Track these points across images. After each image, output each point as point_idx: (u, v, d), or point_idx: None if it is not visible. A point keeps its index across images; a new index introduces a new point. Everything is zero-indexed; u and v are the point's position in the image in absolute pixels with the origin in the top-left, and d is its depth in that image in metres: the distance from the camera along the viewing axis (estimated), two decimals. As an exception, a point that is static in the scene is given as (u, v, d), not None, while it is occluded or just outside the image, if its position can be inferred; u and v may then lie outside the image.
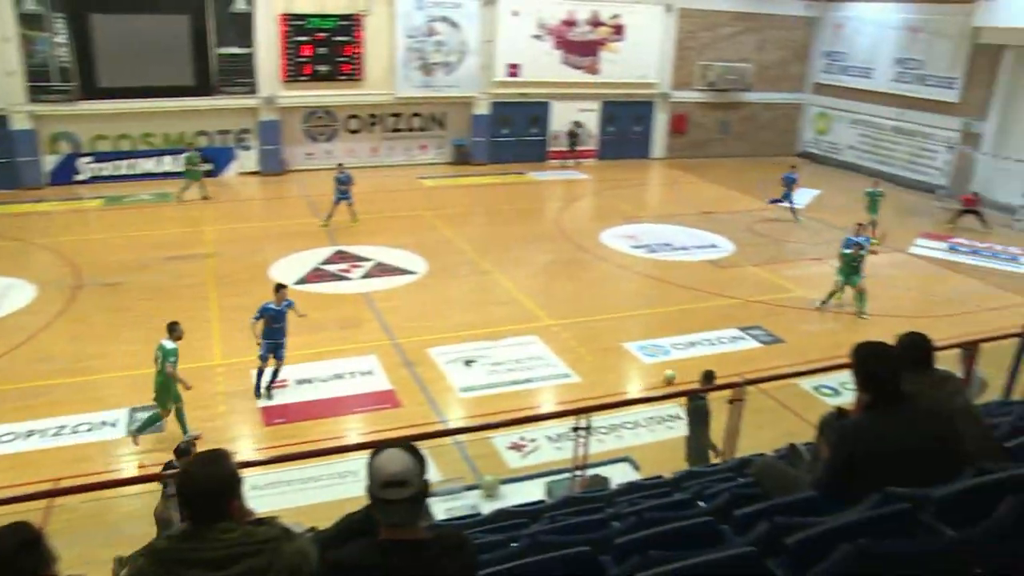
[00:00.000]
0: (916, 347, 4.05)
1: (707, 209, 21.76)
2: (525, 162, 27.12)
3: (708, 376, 8.91)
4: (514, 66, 26.47)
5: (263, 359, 10.13)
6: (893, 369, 3.51)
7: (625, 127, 29.13)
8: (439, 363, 11.66)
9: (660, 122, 29.36)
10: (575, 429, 6.12)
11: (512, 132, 27.41)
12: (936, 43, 25.29)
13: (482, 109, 26.73)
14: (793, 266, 17.14)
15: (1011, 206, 22.26)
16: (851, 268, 14.30)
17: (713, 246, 18.28)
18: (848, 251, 14.44)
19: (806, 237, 19.59)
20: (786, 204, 20.68)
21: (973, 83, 24.32)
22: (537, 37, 26.46)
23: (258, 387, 10.19)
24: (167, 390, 9.05)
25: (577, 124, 28.08)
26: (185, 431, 9.04)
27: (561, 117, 27.71)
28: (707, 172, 27.65)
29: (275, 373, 10.21)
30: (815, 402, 10.21)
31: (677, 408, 9.85)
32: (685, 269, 16.59)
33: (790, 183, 20.78)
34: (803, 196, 24.14)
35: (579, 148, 27.78)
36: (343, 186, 18.50)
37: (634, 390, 10.98)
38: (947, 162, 24.52)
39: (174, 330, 9.09)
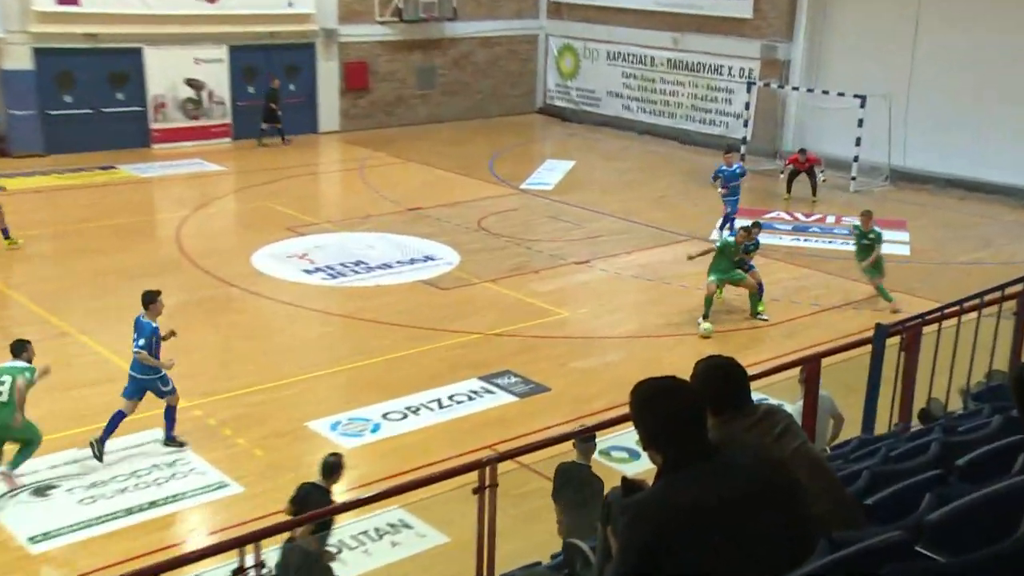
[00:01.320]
0: (721, 376, 4.24)
1: (413, 204, 22.43)
2: (112, 148, 26.21)
3: (329, 468, 8.96)
4: (66, -15, 25.30)
5: None
6: (690, 412, 3.65)
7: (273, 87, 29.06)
8: (-16, 504, 10.57)
9: (327, 75, 29.80)
10: (238, 572, 5.69)
11: (81, 100, 26.30)
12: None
13: (18, 62, 25.25)
14: (549, 276, 18.09)
15: (840, 160, 25.46)
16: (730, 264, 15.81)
17: (428, 258, 18.84)
18: (731, 240, 16.05)
19: (560, 231, 20.86)
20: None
21: (768, -13, 27.66)
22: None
23: None
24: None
25: (193, 84, 27.40)
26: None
27: (164, 73, 26.94)
28: (406, 147, 28.48)
29: None
30: (608, 473, 10.68)
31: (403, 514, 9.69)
32: (389, 297, 16.91)
33: (730, 179, 19.91)
34: (550, 172, 25.78)
35: (276, 121, 27.59)
36: None
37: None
38: (747, 105, 27.54)
39: None
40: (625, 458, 11.20)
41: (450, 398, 13.13)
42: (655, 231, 20.74)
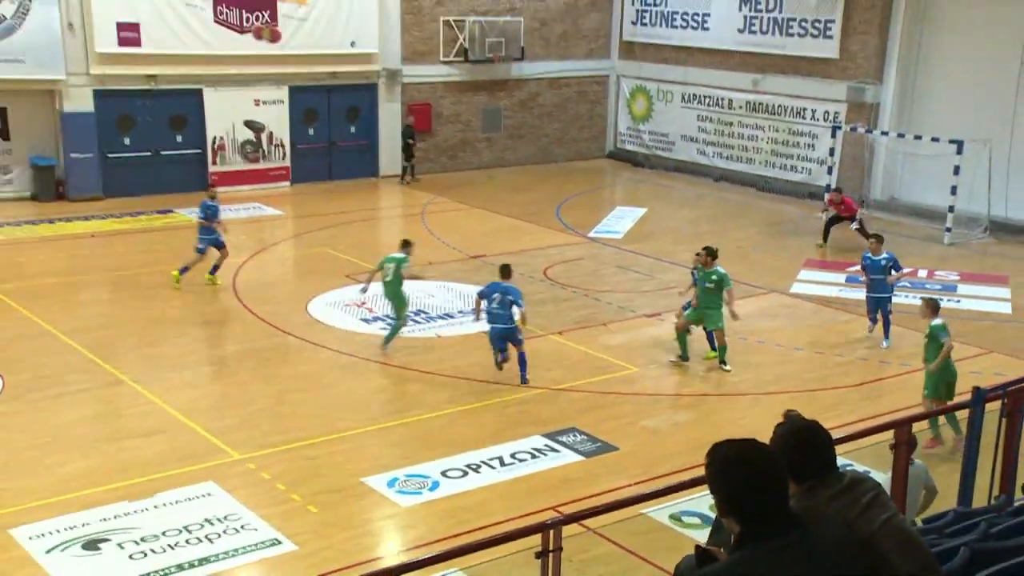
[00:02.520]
0: (804, 441, 4.20)
1: (476, 252, 22.52)
2: (170, 192, 26.73)
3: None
4: (130, 26, 25.95)
5: None
6: (771, 479, 3.62)
7: (334, 129, 29.57)
8: (33, 553, 10.72)
9: (389, 118, 30.14)
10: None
11: (140, 143, 26.90)
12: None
13: (79, 104, 25.90)
14: (617, 329, 18.04)
15: (934, 210, 25.25)
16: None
17: (492, 308, 18.87)
18: (707, 284, 15.91)
19: (630, 282, 20.79)
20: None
21: (857, 26, 27.56)
22: (166, -22, 26.25)
23: None
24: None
25: (253, 126, 27.92)
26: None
27: (224, 114, 27.51)
28: (470, 192, 28.75)
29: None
30: (679, 540, 10.53)
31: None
32: (450, 349, 16.99)
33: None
34: (620, 220, 25.79)
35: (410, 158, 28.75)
36: None
37: (390, 551, 10.73)
38: (832, 151, 27.39)
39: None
40: (698, 524, 11.03)
41: (512, 456, 13.08)
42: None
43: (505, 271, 15.89)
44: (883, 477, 7.53)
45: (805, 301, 19.55)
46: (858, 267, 18.20)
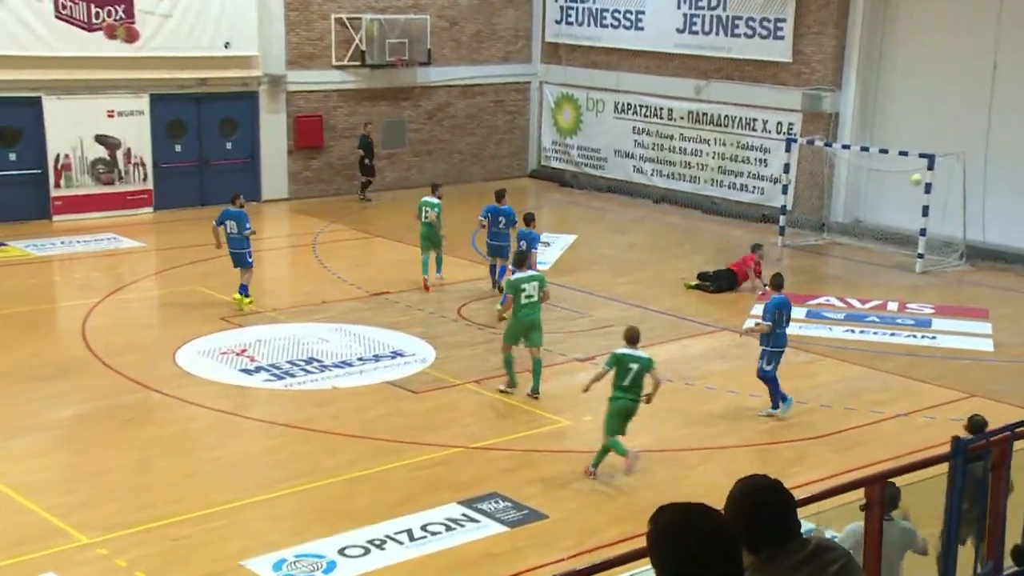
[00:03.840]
0: (761, 503, 4.23)
1: (378, 288, 22.46)
2: (4, 222, 26.38)
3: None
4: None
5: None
6: (719, 550, 3.63)
7: (206, 144, 29.41)
8: None
9: (272, 132, 30.12)
10: None
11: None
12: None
13: None
14: (545, 376, 17.89)
15: (903, 233, 25.66)
16: None
17: (396, 354, 18.86)
18: None
19: (559, 321, 20.81)
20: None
21: (811, 26, 28.04)
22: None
23: None
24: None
25: (106, 141, 27.57)
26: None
27: (69, 128, 27.16)
28: (370, 219, 28.65)
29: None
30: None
31: None
32: (348, 402, 16.81)
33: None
34: (546, 249, 25.88)
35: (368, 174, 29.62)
36: None
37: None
38: (787, 167, 27.70)
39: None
40: (642, 605, 11.03)
41: (423, 528, 12.96)
42: (674, 320, 20.73)
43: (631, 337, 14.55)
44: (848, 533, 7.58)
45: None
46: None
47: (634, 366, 14.16)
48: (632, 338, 14.45)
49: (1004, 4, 24.86)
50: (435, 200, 22.33)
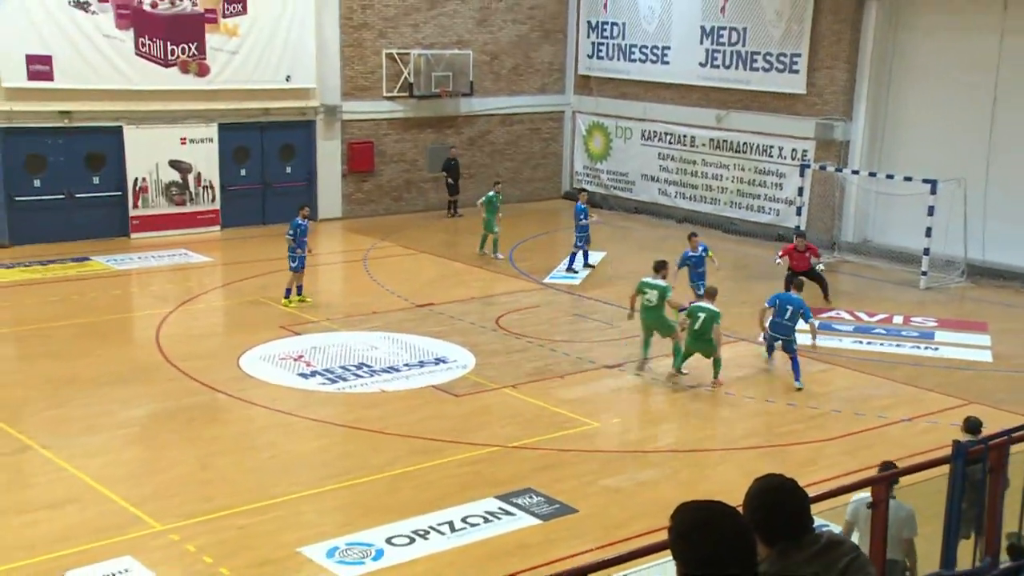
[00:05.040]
0: (778, 501, 4.21)
1: (423, 300, 22.48)
2: (87, 238, 26.52)
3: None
4: (41, 59, 25.82)
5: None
6: (737, 544, 3.62)
7: (268, 169, 29.54)
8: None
9: (328, 157, 30.24)
10: None
11: (53, 185, 26.69)
12: (763, -4, 28.82)
13: (-19, 141, 25.67)
14: (576, 382, 18.01)
15: (909, 253, 25.55)
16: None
17: (439, 361, 18.85)
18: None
19: (589, 331, 20.83)
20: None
21: (825, 60, 27.98)
22: (82, 5, 26.08)
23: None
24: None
25: (179, 166, 27.80)
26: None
27: (146, 154, 27.39)
28: (416, 237, 28.74)
29: None
30: (641, 610, 10.47)
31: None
32: (395, 404, 16.84)
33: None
34: (579, 264, 25.83)
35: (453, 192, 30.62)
36: None
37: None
38: (800, 191, 27.68)
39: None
40: (665, 594, 10.96)
41: (464, 520, 12.95)
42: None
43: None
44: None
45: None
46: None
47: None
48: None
49: (1004, 41, 24.68)
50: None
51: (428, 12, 31.07)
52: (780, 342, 18.24)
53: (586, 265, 25.47)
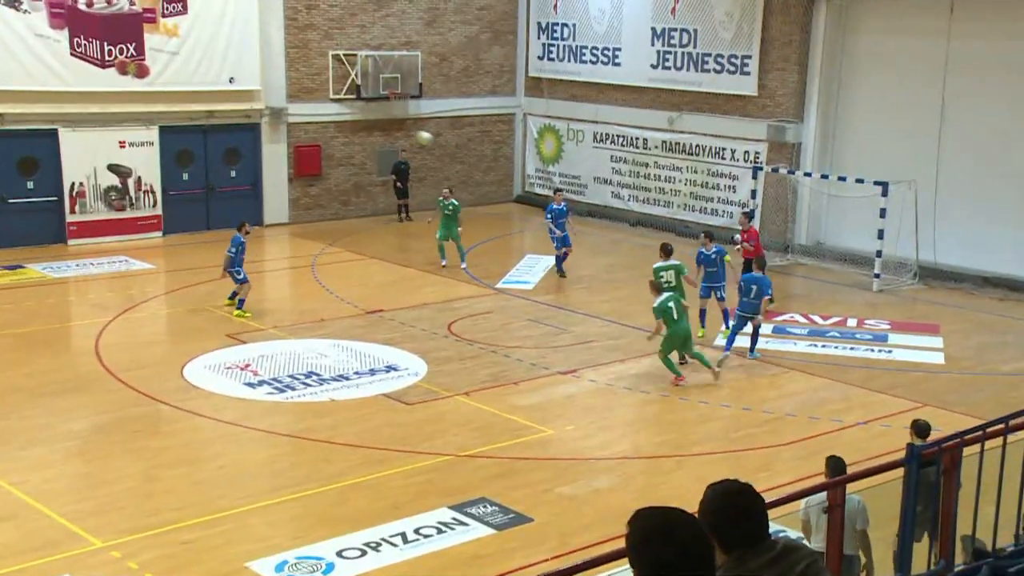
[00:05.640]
0: (735, 506, 4.26)
1: (373, 306, 22.46)
2: (21, 245, 26.33)
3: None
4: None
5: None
6: (694, 550, 3.65)
7: (212, 173, 29.44)
8: None
9: (274, 161, 30.13)
10: None
11: (-17, 190, 26.40)
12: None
13: None
14: (530, 388, 18.06)
15: (861, 255, 25.82)
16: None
17: (390, 369, 18.84)
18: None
19: (543, 336, 20.89)
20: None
21: (775, 62, 28.25)
22: (13, 4, 25.85)
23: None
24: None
25: (118, 170, 27.59)
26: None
27: (83, 158, 27.17)
28: (366, 241, 28.72)
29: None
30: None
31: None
32: (346, 414, 16.81)
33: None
34: (530, 269, 25.92)
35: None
36: None
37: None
38: (753, 193, 27.94)
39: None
40: (621, 602, 11.04)
41: (416, 531, 12.94)
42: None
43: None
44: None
45: (731, 354, 19.79)
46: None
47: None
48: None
49: (951, 44, 25.01)
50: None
51: (375, 13, 31.03)
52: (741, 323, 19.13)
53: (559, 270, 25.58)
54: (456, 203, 25.81)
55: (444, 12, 32.33)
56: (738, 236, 22.99)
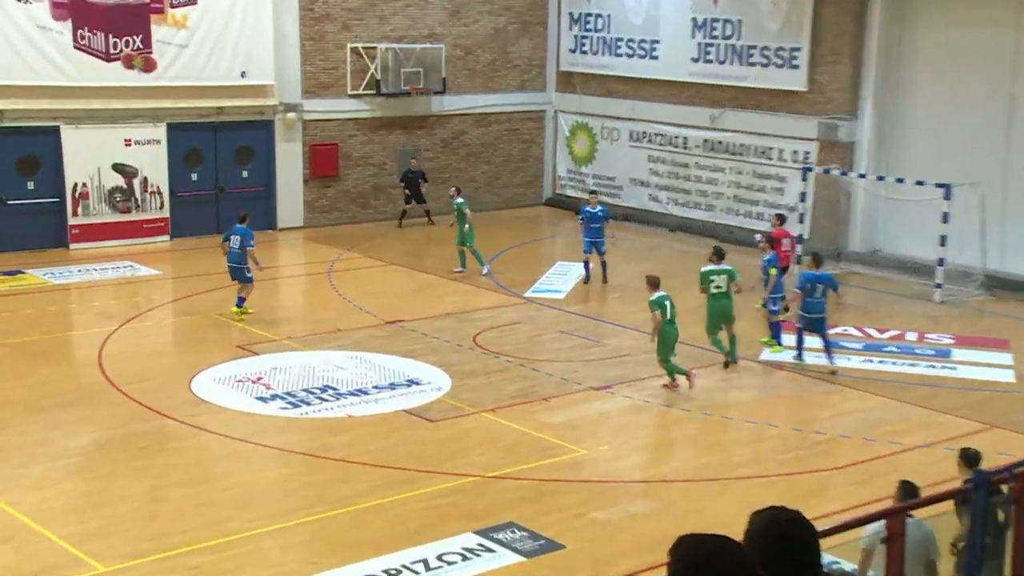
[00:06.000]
0: (784, 535, 4.21)
1: (394, 316, 22.45)
2: (20, 249, 26.49)
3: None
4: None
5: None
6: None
7: (222, 173, 29.58)
8: None
9: (288, 160, 30.21)
10: None
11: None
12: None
13: None
14: (561, 405, 18.00)
15: (922, 263, 25.56)
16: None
17: (412, 383, 18.83)
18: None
19: (575, 349, 20.83)
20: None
21: (826, 54, 28.03)
22: (14, -6, 26.07)
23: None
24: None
25: (123, 170, 27.72)
26: None
27: (87, 157, 27.33)
28: (386, 247, 28.78)
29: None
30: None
31: None
32: (363, 430, 16.80)
33: None
34: (561, 277, 25.85)
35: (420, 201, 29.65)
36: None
37: None
38: (803, 196, 27.73)
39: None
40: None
41: (439, 558, 12.90)
42: (692, 349, 20.62)
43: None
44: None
45: (778, 370, 19.67)
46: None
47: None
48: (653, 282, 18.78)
49: (1020, 35, 24.82)
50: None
51: (396, 3, 31.12)
52: (810, 325, 19.23)
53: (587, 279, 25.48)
54: (461, 202, 25.68)
55: (469, 2, 32.39)
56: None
